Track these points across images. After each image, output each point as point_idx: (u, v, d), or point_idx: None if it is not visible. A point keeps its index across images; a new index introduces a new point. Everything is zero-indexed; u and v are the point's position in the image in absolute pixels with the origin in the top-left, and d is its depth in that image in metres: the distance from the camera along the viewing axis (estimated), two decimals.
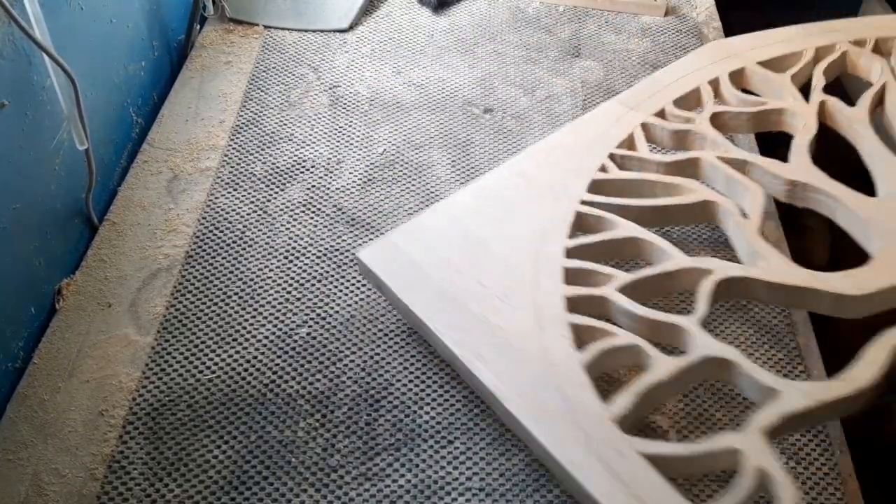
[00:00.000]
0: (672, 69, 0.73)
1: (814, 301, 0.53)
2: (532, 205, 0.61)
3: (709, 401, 0.60)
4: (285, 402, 0.59)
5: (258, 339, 0.63)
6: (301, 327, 0.64)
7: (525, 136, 0.83)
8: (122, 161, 0.82)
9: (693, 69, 0.71)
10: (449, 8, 1.02)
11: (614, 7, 1.03)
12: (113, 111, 0.80)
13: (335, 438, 0.57)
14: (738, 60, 0.71)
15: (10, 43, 0.61)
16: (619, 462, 0.46)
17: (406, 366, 0.61)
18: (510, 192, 0.63)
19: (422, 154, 0.80)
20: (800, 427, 0.52)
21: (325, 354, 0.62)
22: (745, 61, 0.71)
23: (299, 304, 0.66)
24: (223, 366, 0.61)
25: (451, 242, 0.60)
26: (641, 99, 0.70)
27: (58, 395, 0.60)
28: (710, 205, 0.60)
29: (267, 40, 0.95)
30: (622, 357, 0.53)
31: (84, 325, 0.65)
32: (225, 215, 0.74)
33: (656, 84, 0.71)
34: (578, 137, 0.67)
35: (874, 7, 1.11)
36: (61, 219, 0.70)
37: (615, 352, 0.52)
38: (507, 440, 0.57)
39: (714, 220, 0.61)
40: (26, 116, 0.63)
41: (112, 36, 0.80)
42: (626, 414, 0.49)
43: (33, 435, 0.58)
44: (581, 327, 0.53)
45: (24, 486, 0.55)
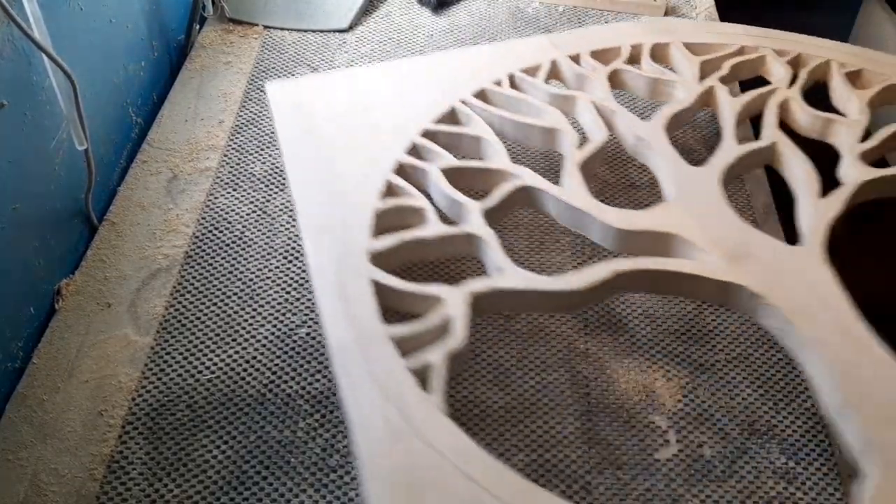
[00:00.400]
0: (609, 28, 0.80)
1: (588, 226, 0.59)
2: (424, 92, 0.70)
3: (708, 401, 0.61)
4: (285, 403, 0.59)
5: (258, 339, 0.63)
6: (301, 327, 0.64)
7: None
8: (122, 161, 0.82)
9: (626, 33, 0.77)
10: (448, 8, 1.02)
11: (614, 7, 1.03)
12: (112, 111, 0.80)
13: (335, 438, 0.57)
14: (669, 37, 0.76)
15: (9, 43, 0.61)
16: (353, 282, 0.53)
17: None
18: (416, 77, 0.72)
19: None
20: (507, 305, 0.56)
21: (324, 354, 0.62)
22: (674, 39, 0.76)
23: (299, 304, 0.66)
24: (223, 366, 0.61)
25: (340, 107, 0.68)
26: (568, 41, 0.76)
27: (57, 396, 0.60)
28: (557, 132, 0.66)
29: (266, 40, 0.95)
30: (409, 216, 0.59)
31: (83, 325, 0.65)
32: (224, 215, 0.74)
33: (587, 34, 0.78)
34: (497, 53, 0.75)
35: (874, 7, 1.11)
36: (61, 219, 0.70)
37: (405, 210, 0.59)
38: (507, 440, 0.57)
39: (557, 147, 0.66)
40: (26, 117, 0.63)
41: (112, 36, 0.80)
42: (382, 252, 0.55)
43: (32, 435, 0.58)
44: (394, 186, 0.61)
45: (24, 486, 0.55)
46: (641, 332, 0.65)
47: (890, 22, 1.07)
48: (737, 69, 0.74)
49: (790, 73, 0.72)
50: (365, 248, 0.55)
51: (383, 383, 0.48)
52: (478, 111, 0.68)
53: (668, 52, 0.76)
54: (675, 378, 0.62)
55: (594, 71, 0.73)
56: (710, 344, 0.65)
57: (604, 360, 0.63)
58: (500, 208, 0.60)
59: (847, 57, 0.73)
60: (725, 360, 0.63)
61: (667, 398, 0.61)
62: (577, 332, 0.65)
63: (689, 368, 0.63)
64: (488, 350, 0.63)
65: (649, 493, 0.55)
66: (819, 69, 0.73)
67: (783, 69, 0.73)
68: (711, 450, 0.58)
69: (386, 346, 0.49)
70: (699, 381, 0.62)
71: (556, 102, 0.70)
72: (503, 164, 0.63)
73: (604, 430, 0.58)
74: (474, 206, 0.59)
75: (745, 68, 0.74)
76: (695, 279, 0.54)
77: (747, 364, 0.63)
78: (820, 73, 0.73)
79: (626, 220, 0.57)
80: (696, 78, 0.72)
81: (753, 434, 0.59)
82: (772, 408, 0.60)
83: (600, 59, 0.75)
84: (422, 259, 0.61)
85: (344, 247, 0.56)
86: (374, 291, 0.52)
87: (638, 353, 0.64)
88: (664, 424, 0.59)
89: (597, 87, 0.71)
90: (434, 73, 0.72)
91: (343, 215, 0.58)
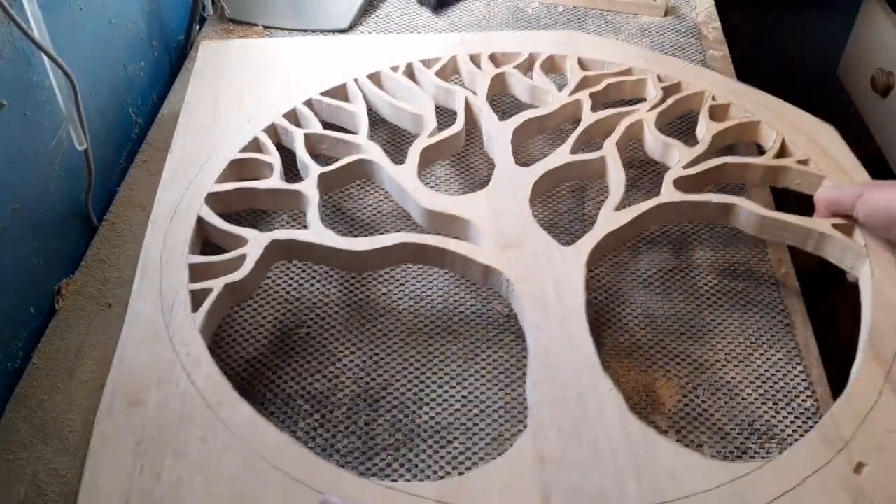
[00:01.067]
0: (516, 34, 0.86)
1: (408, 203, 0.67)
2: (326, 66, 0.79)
3: (708, 401, 0.60)
4: (285, 403, 0.59)
5: (258, 339, 0.63)
6: (301, 327, 0.64)
7: None
8: (122, 161, 0.82)
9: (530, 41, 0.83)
10: (448, 8, 1.02)
11: (613, 7, 1.03)
12: (112, 111, 0.80)
13: (334, 438, 0.57)
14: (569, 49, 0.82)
15: (8, 43, 0.61)
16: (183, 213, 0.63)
17: (405, 366, 0.61)
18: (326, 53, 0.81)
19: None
20: (304, 256, 0.63)
21: (324, 354, 0.62)
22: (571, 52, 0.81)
23: (299, 303, 0.66)
24: (223, 366, 0.61)
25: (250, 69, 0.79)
26: (475, 42, 0.83)
27: (57, 396, 0.60)
28: (420, 118, 0.73)
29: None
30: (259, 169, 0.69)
31: (84, 325, 0.65)
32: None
33: (494, 38, 0.84)
34: (407, 42, 0.83)
35: (874, 7, 1.11)
36: (61, 219, 0.70)
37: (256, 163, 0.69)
38: (507, 441, 0.57)
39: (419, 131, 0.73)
40: (25, 117, 0.63)
41: (111, 36, 0.80)
42: (218, 193, 0.65)
43: (32, 435, 0.58)
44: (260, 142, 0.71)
45: (24, 486, 0.55)
46: (641, 332, 0.65)
47: (890, 22, 1.07)
48: (614, 88, 0.78)
49: (659, 98, 0.76)
50: (206, 190, 0.65)
51: (165, 296, 0.57)
52: (365, 90, 0.77)
53: (563, 64, 0.81)
54: (675, 378, 0.62)
55: (484, 72, 0.79)
56: (710, 344, 0.65)
57: (604, 360, 0.63)
58: (336, 174, 0.68)
59: (725, 93, 0.76)
60: (725, 360, 0.63)
61: (667, 398, 0.61)
62: None
63: (689, 368, 0.63)
64: (488, 350, 0.63)
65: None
66: (690, 98, 0.77)
67: (655, 93, 0.76)
68: (711, 450, 0.58)
69: (181, 269, 0.59)
70: (699, 381, 0.62)
71: (439, 93, 0.77)
72: (358, 139, 0.71)
73: None
74: (315, 169, 0.68)
75: (625, 88, 0.79)
76: (466, 260, 0.61)
77: (747, 364, 0.63)
78: (690, 103, 0.77)
79: (433, 203, 0.64)
80: (570, 90, 0.77)
81: (753, 434, 0.59)
82: (772, 408, 0.60)
83: (498, 62, 0.81)
84: (255, 206, 0.69)
85: (190, 184, 0.66)
86: (196, 225, 0.62)
87: (638, 353, 0.64)
88: (664, 424, 0.59)
89: (479, 86, 0.77)
90: (344, 51, 0.81)
91: (204, 160, 0.68)
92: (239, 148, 0.69)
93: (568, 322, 0.57)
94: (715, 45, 0.99)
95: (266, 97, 0.75)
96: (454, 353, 0.63)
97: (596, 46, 0.82)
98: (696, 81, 0.77)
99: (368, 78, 0.77)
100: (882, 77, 1.06)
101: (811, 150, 0.70)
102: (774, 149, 0.70)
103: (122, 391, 0.52)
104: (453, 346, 0.63)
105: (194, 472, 0.48)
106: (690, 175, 0.68)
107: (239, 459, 0.49)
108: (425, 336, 0.64)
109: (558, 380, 0.53)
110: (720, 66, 0.96)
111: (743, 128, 0.74)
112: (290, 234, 0.62)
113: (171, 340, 0.55)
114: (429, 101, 0.75)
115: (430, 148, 0.70)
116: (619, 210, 0.64)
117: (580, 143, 0.72)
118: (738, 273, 0.70)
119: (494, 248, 0.61)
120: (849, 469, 0.49)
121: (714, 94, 0.76)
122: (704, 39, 1.00)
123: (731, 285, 0.69)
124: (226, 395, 0.52)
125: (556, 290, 0.58)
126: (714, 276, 0.70)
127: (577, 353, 0.55)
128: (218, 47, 0.83)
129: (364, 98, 0.76)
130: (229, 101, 0.75)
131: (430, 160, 0.72)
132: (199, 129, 0.72)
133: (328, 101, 0.75)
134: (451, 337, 0.64)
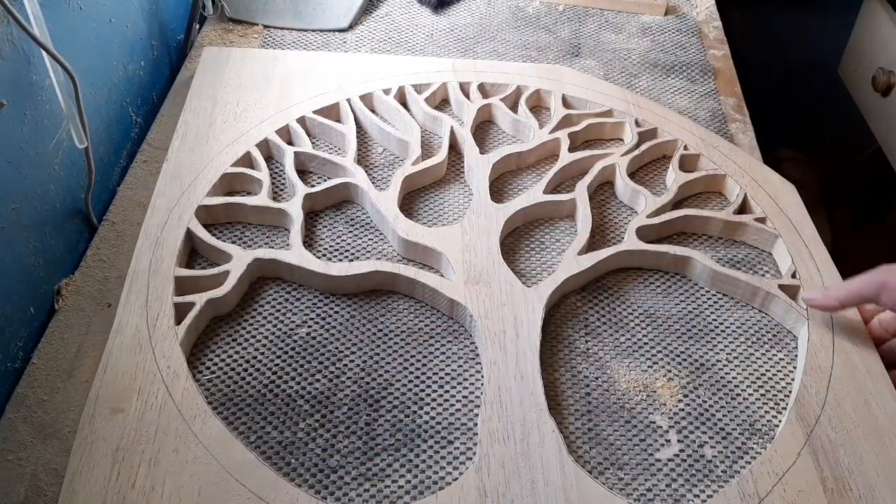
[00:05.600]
0: (507, 65, 0.88)
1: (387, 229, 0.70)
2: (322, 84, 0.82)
3: (709, 401, 0.60)
4: (285, 403, 0.59)
5: (258, 339, 0.63)
6: (301, 327, 0.64)
7: None
8: (122, 161, 0.82)
9: (519, 73, 0.86)
10: (449, 7, 1.02)
11: (614, 6, 1.03)
12: (112, 111, 0.80)
13: (335, 439, 0.57)
14: (555, 85, 0.85)
15: (8, 43, 0.61)
16: (174, 224, 0.67)
17: (406, 366, 0.61)
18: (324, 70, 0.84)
19: None
20: (284, 274, 0.66)
21: (324, 354, 0.62)
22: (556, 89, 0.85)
23: (299, 304, 0.66)
24: (223, 366, 0.61)
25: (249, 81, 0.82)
26: (466, 70, 0.86)
27: (57, 396, 0.60)
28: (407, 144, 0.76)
29: (266, 40, 0.95)
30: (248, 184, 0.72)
31: (83, 325, 0.65)
32: None
33: (486, 68, 0.87)
34: (402, 65, 0.85)
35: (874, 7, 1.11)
36: (60, 219, 0.70)
37: (246, 178, 0.72)
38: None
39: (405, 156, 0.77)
40: (25, 116, 0.63)
41: (111, 36, 0.80)
42: (208, 206, 0.69)
43: (32, 435, 0.57)
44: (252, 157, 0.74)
45: (23, 486, 0.55)
46: (642, 332, 0.65)
47: (891, 22, 1.06)
48: (592, 129, 0.81)
49: (634, 144, 0.79)
50: (197, 202, 0.68)
51: (151, 307, 0.60)
52: (356, 111, 0.80)
53: (548, 99, 0.84)
54: (675, 378, 0.62)
55: (472, 102, 0.82)
56: (710, 344, 0.64)
57: (604, 360, 0.63)
58: (322, 195, 0.72)
59: (697, 142, 0.80)
60: (726, 360, 0.63)
61: (667, 398, 0.61)
62: (578, 331, 0.65)
63: (689, 368, 0.63)
64: None
65: (650, 493, 0.55)
66: (663, 146, 0.80)
67: (631, 137, 0.80)
68: (713, 450, 0.57)
69: (168, 281, 0.62)
70: (700, 381, 0.62)
71: (427, 120, 0.80)
72: (345, 161, 0.74)
73: (605, 430, 0.58)
74: (301, 189, 0.71)
75: (604, 130, 0.82)
76: (434, 292, 0.64)
77: (748, 364, 0.63)
78: (662, 150, 0.80)
79: (409, 232, 0.68)
80: (550, 128, 0.79)
81: (754, 434, 0.59)
82: (772, 408, 0.60)
83: (486, 92, 0.84)
84: (242, 221, 0.71)
85: (183, 195, 0.69)
86: (185, 237, 0.65)
87: (638, 353, 0.64)
88: (665, 424, 0.59)
89: (465, 116, 0.81)
90: (341, 69, 0.84)
91: (199, 170, 0.71)
92: (231, 161, 0.72)
93: (522, 361, 0.59)
94: (715, 45, 0.99)
95: (261, 111, 0.78)
96: (454, 353, 0.63)
97: (582, 84, 0.86)
98: (671, 128, 0.81)
99: (361, 98, 0.81)
100: (882, 76, 1.05)
101: (770, 208, 0.74)
102: (735, 204, 0.74)
103: (105, 398, 0.55)
104: (453, 346, 0.63)
105: (166, 481, 0.51)
106: (654, 225, 0.71)
107: (207, 472, 0.52)
108: (425, 336, 0.64)
109: (506, 417, 0.56)
110: (721, 65, 0.96)
111: (709, 180, 0.77)
112: (272, 254, 0.65)
113: (154, 351, 0.58)
114: (416, 128, 0.78)
115: (412, 176, 0.74)
116: (581, 255, 0.68)
117: (555, 183, 0.76)
118: (739, 272, 0.70)
119: (462, 282, 0.64)
120: None
121: (687, 144, 0.79)
122: (705, 38, 1.00)
123: None
124: (200, 409, 0.55)
125: (514, 329, 0.61)
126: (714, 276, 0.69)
127: (526, 392, 0.58)
128: (219, 53, 0.85)
129: (355, 118, 0.79)
130: (225, 111, 0.78)
131: (413, 186, 0.75)
132: (195, 139, 0.75)
133: (320, 119, 0.78)
134: (451, 337, 0.64)
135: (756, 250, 0.72)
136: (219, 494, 0.51)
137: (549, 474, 0.53)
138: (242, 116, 0.77)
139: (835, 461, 0.55)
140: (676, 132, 0.81)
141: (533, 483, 0.53)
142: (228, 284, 0.63)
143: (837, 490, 0.54)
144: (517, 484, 0.53)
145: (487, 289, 0.64)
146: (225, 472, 0.52)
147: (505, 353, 0.60)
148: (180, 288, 0.62)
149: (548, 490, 0.52)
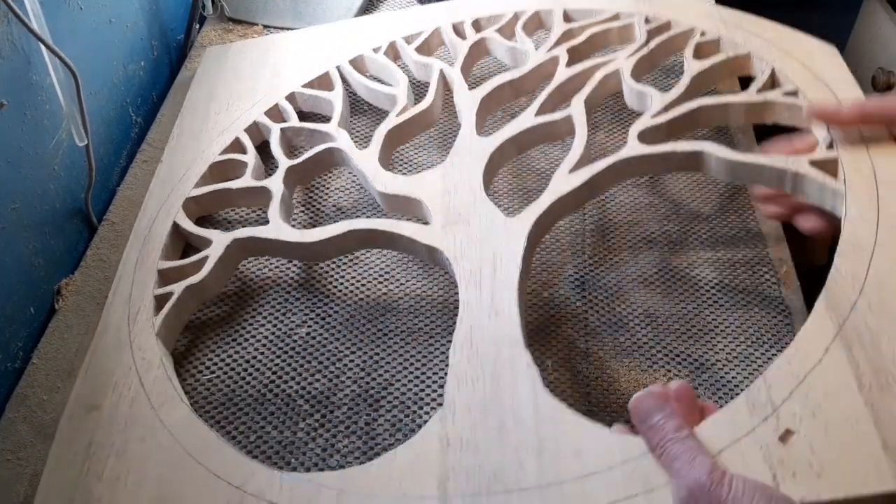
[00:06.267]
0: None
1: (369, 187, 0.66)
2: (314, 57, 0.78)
3: (709, 401, 0.60)
4: (285, 403, 0.59)
5: (258, 339, 0.63)
6: (301, 327, 0.64)
7: None
8: (122, 161, 0.82)
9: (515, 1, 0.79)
10: None
11: None
12: (112, 111, 0.80)
13: (335, 438, 0.57)
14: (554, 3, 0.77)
15: (9, 42, 0.61)
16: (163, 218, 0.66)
17: (406, 366, 0.61)
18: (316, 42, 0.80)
19: (421, 153, 0.80)
20: (264, 251, 0.65)
21: (324, 354, 0.62)
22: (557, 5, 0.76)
23: (299, 304, 0.66)
24: (223, 366, 0.61)
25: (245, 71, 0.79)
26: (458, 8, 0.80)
27: (57, 396, 0.60)
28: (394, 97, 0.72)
29: None
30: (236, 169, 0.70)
31: (83, 325, 0.65)
32: (224, 215, 0.73)
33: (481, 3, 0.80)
34: (391, 20, 0.81)
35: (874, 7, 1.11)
36: (60, 219, 0.70)
37: (233, 164, 0.70)
38: None
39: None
40: (25, 116, 0.63)
41: (111, 36, 0.80)
42: (196, 197, 0.67)
43: (32, 435, 0.57)
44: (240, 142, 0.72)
45: (23, 486, 0.55)
46: (641, 332, 0.65)
47: (891, 22, 1.07)
48: (597, 38, 0.72)
49: (642, 43, 0.70)
50: (185, 194, 0.67)
51: (133, 303, 0.59)
52: (346, 75, 0.76)
53: (549, 19, 0.76)
54: (675, 378, 0.62)
55: (464, 40, 0.76)
56: (710, 343, 0.64)
57: (604, 360, 0.63)
58: (305, 166, 0.68)
59: (717, 26, 0.69)
60: (726, 360, 0.63)
61: None
62: (578, 331, 0.65)
63: (689, 368, 0.63)
64: None
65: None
66: (676, 39, 0.70)
67: (639, 38, 0.70)
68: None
69: (151, 276, 0.61)
70: (700, 381, 0.62)
71: (419, 69, 0.76)
72: (328, 128, 0.70)
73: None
74: (284, 163, 0.68)
75: (611, 36, 0.73)
76: (412, 241, 0.60)
77: (748, 364, 0.63)
78: (678, 43, 0.70)
79: (387, 185, 0.64)
80: (548, 46, 0.71)
81: None
82: None
83: (481, 27, 0.77)
84: (231, 206, 0.70)
85: (174, 190, 0.68)
86: (171, 230, 0.64)
87: (638, 353, 0.64)
88: None
89: (458, 56, 0.75)
90: (333, 39, 0.80)
91: (190, 163, 0.70)
92: (220, 150, 0.70)
93: (498, 297, 0.54)
94: None
95: (252, 96, 0.75)
96: None
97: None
98: (687, 18, 0.70)
99: (351, 62, 0.77)
100: (882, 76, 1.06)
101: (803, 77, 0.63)
102: (759, 83, 0.64)
103: (83, 399, 0.54)
104: None
105: (130, 469, 0.50)
106: (659, 124, 0.62)
107: (169, 457, 0.50)
108: (425, 336, 0.64)
109: (477, 359, 0.51)
110: None
111: (730, 65, 0.67)
112: (250, 232, 0.63)
113: (132, 345, 0.57)
114: (402, 79, 0.73)
115: (396, 128, 0.69)
116: (574, 171, 0.60)
117: (551, 104, 0.67)
118: (739, 272, 0.70)
119: (438, 226, 0.60)
120: (774, 438, 0.43)
121: (704, 30, 0.69)
122: None
123: (731, 284, 0.69)
124: (168, 395, 0.54)
125: (492, 265, 0.56)
126: (714, 276, 0.70)
127: (501, 329, 0.52)
128: (220, 52, 0.83)
129: (345, 84, 0.75)
130: (219, 106, 0.76)
131: (401, 140, 0.69)
132: (189, 137, 0.73)
133: (309, 92, 0.75)
134: (451, 337, 0.64)
135: (756, 250, 0.72)
136: (179, 477, 0.49)
137: (520, 413, 0.48)
138: (235, 105, 0.75)
139: (875, 353, 0.45)
140: (694, 21, 0.70)
141: (501, 424, 0.47)
142: (206, 269, 0.61)
143: (878, 385, 0.44)
144: (482, 428, 0.47)
145: (466, 227, 0.59)
146: (186, 454, 0.50)
147: (480, 291, 0.55)
148: (163, 280, 0.61)
149: (518, 430, 0.47)
